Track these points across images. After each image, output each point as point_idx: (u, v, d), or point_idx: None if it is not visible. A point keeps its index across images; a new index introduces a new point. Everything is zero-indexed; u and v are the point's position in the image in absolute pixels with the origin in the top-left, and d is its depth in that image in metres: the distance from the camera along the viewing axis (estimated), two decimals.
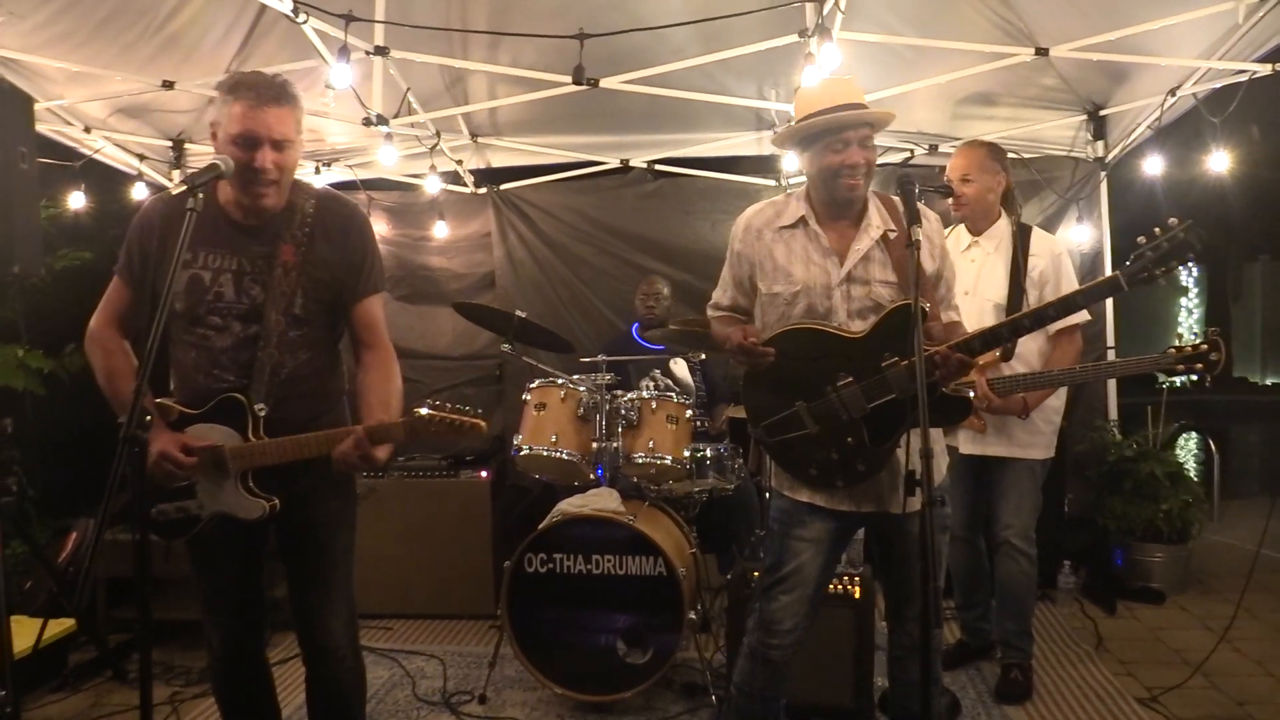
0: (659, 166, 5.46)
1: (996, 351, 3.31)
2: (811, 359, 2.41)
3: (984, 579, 3.76)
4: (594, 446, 3.73)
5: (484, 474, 4.64)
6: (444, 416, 2.18)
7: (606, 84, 4.04)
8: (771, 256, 2.51)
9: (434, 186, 5.26)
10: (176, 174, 5.18)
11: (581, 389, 3.77)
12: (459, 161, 5.34)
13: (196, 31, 3.98)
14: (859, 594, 3.18)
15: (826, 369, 2.40)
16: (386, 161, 4.64)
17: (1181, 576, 4.82)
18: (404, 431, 2.20)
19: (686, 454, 3.72)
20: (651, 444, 3.66)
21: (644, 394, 3.77)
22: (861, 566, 3.27)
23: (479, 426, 2.20)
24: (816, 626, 2.63)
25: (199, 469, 2.25)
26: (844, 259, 2.45)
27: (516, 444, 3.74)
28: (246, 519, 2.30)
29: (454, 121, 5.01)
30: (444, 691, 3.71)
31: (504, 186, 5.65)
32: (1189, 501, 4.80)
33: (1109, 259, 5.07)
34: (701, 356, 4.64)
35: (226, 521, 2.32)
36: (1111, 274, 2.26)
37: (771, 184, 5.41)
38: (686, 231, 5.53)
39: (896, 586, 2.58)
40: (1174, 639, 4.17)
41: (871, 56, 4.02)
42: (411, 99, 4.33)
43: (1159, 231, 2.17)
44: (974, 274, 3.49)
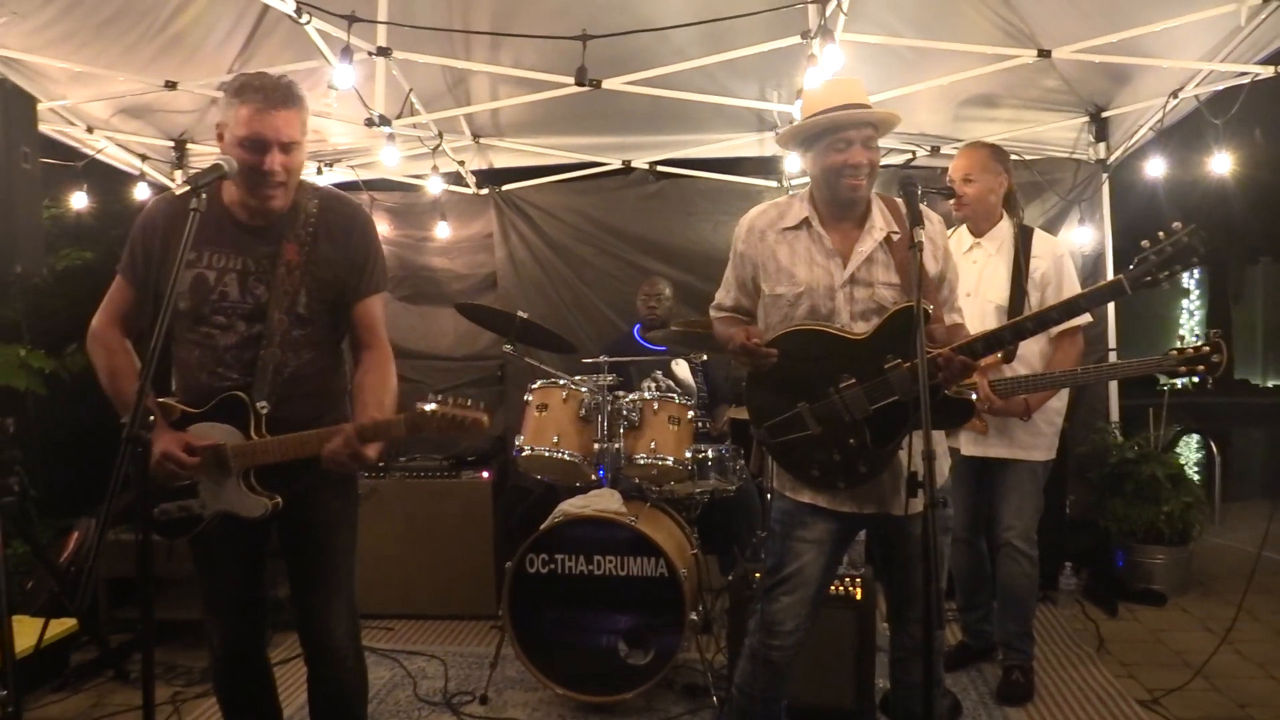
0: (661, 168, 5.46)
1: (998, 353, 3.32)
2: (814, 360, 2.41)
3: (985, 580, 3.76)
4: (595, 447, 3.73)
5: (486, 474, 4.64)
6: (445, 412, 2.18)
7: (609, 85, 4.04)
8: (775, 258, 2.51)
9: (436, 187, 5.26)
10: (179, 174, 5.19)
11: (583, 390, 3.77)
12: (461, 162, 5.35)
13: (199, 32, 3.99)
14: (860, 595, 3.18)
15: (829, 370, 2.40)
16: (389, 162, 4.64)
17: (1183, 578, 4.82)
18: (405, 427, 2.21)
19: (688, 455, 3.72)
20: (653, 445, 3.66)
21: (646, 395, 3.77)
22: (863, 568, 3.27)
23: (480, 422, 2.20)
24: (818, 628, 2.63)
25: (201, 468, 2.25)
26: (847, 261, 2.45)
27: (518, 445, 3.74)
28: (249, 517, 2.31)
29: (456, 122, 5.01)
30: (445, 692, 3.71)
31: (506, 187, 5.65)
32: (1190, 503, 4.80)
33: (1110, 261, 5.07)
34: (703, 357, 4.64)
35: (228, 521, 2.32)
36: (1115, 277, 2.25)
37: (773, 185, 5.41)
38: (688, 232, 5.53)
39: (898, 588, 2.58)
40: (1175, 641, 4.17)
41: (874, 58, 4.02)
42: (414, 100, 4.33)
43: (1163, 235, 2.16)
44: (975, 275, 3.49)
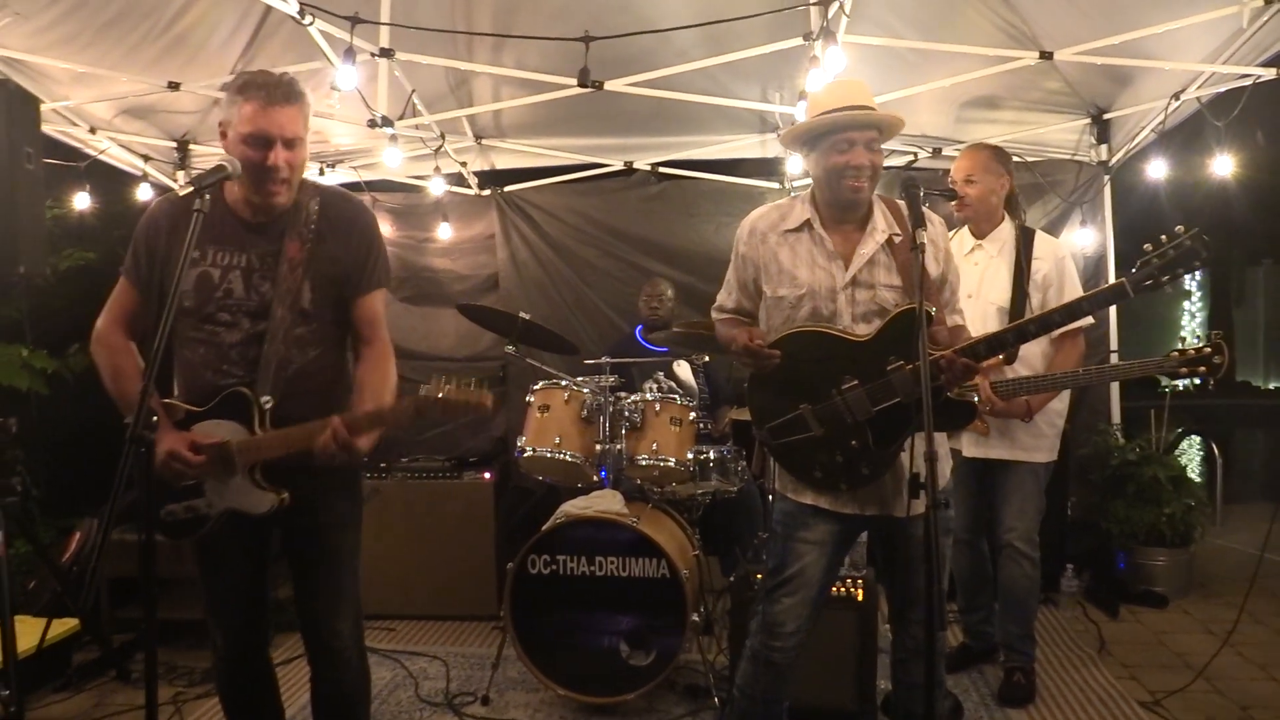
0: (663, 169, 5.46)
1: (1000, 355, 3.32)
2: (817, 362, 2.41)
3: (987, 582, 3.76)
4: (597, 448, 3.73)
5: (487, 475, 4.64)
6: (447, 397, 2.14)
7: (611, 86, 4.04)
8: (776, 259, 2.51)
9: (438, 188, 5.27)
10: (181, 175, 5.19)
11: (585, 391, 3.77)
12: (463, 163, 5.35)
13: (202, 33, 4.00)
14: (862, 597, 3.18)
15: (832, 372, 2.41)
16: (391, 163, 4.64)
17: (1184, 580, 4.82)
18: (407, 414, 2.19)
19: (690, 456, 3.72)
20: (655, 446, 3.66)
21: (648, 396, 3.78)
22: (865, 569, 3.27)
23: (484, 405, 2.16)
24: (820, 629, 2.64)
25: (207, 467, 2.24)
26: (849, 263, 2.45)
27: (520, 445, 3.74)
28: (256, 513, 2.29)
29: (458, 123, 5.02)
30: (447, 693, 3.71)
31: (508, 188, 5.66)
32: (1192, 505, 4.80)
33: (1112, 262, 5.07)
34: (705, 359, 4.64)
35: (232, 521, 2.32)
36: (1117, 281, 2.25)
37: (775, 187, 5.41)
38: (690, 234, 5.53)
39: (900, 589, 2.58)
40: (1177, 643, 4.17)
41: (876, 60, 4.03)
42: (416, 101, 4.34)
43: (1165, 239, 2.16)
44: (977, 277, 3.50)
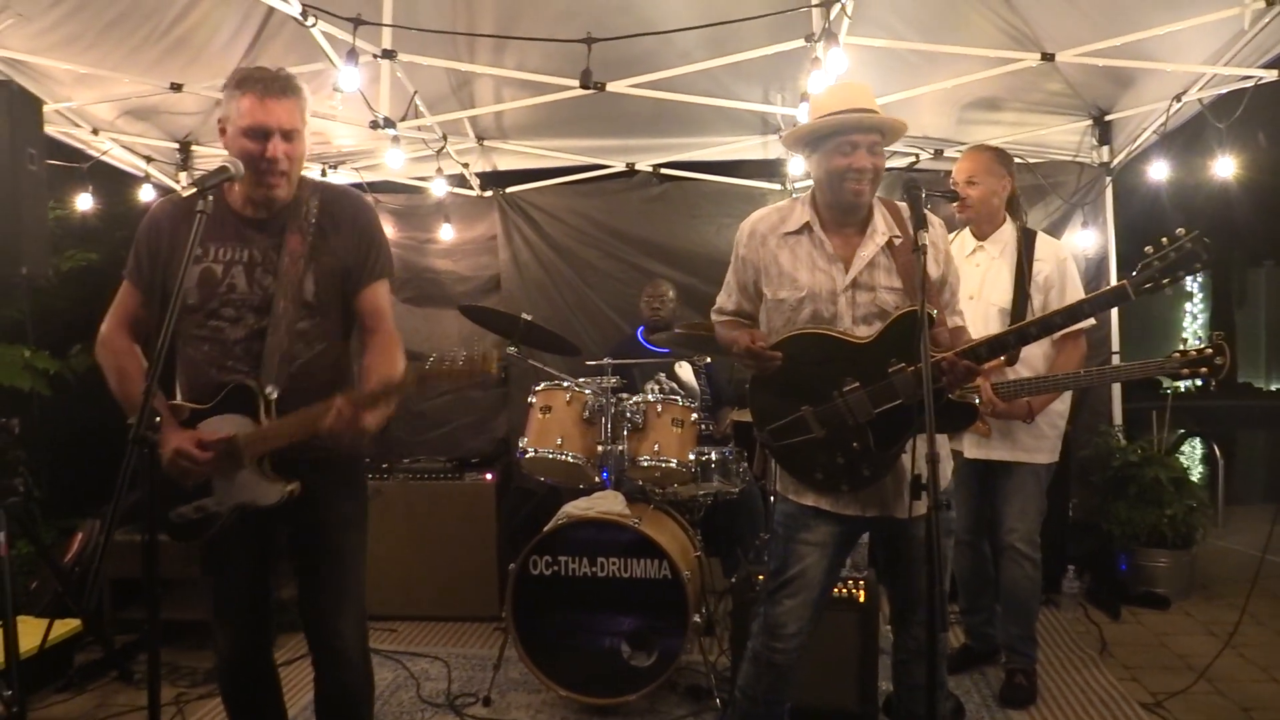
0: (665, 170, 5.47)
1: (1001, 357, 3.32)
2: (818, 364, 2.42)
3: (988, 583, 3.76)
4: (599, 449, 3.73)
5: (489, 476, 4.64)
6: (447, 367, 2.13)
7: (613, 88, 4.04)
8: (776, 262, 2.51)
9: (440, 189, 5.27)
10: (183, 176, 5.20)
11: (587, 392, 3.77)
12: (465, 164, 5.36)
13: (204, 34, 4.00)
14: (864, 598, 3.18)
15: (833, 374, 2.41)
16: (393, 164, 4.65)
17: (1186, 582, 4.82)
18: (413, 381, 2.18)
19: (691, 457, 3.72)
20: (657, 447, 3.67)
21: (649, 397, 3.78)
22: (866, 570, 3.27)
23: (489, 365, 2.13)
24: (821, 630, 2.64)
25: (215, 464, 2.22)
26: (849, 265, 2.45)
27: (522, 446, 3.74)
28: (266, 504, 2.26)
29: (460, 125, 5.03)
30: (448, 693, 3.71)
31: (510, 189, 5.66)
32: (1193, 507, 4.79)
33: (1114, 264, 5.07)
34: (707, 360, 4.65)
35: (238, 521, 2.31)
36: (1118, 283, 2.25)
37: (777, 188, 5.42)
38: (692, 235, 5.53)
39: (902, 590, 2.58)
40: (1178, 644, 4.17)
41: (878, 61, 4.03)
42: (418, 102, 4.34)
43: (1166, 241, 2.16)
44: (979, 278, 3.50)
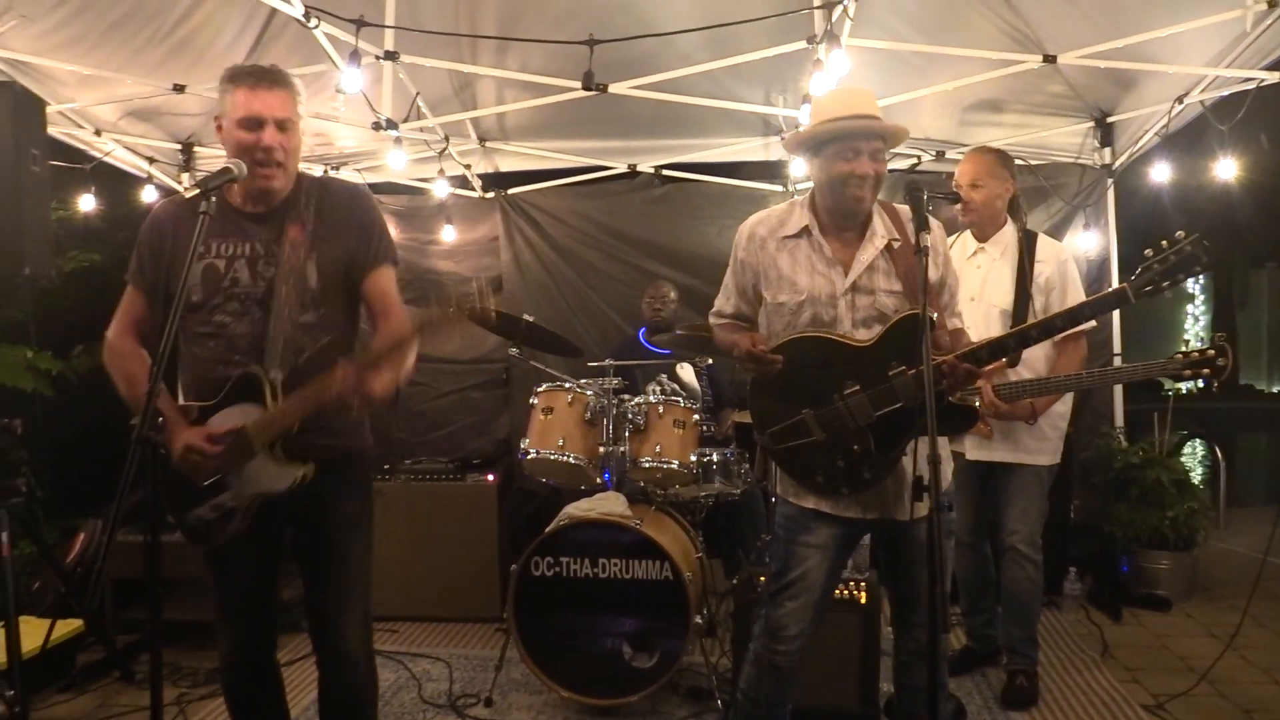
0: (666, 172, 5.47)
1: (1002, 359, 3.32)
2: (818, 367, 2.42)
3: (990, 585, 3.76)
4: (601, 451, 3.73)
5: (491, 477, 4.65)
6: (444, 311, 2.10)
7: (615, 89, 4.05)
8: (776, 265, 2.51)
9: (442, 191, 5.28)
10: (186, 177, 5.21)
11: (589, 393, 3.77)
12: (467, 166, 5.37)
13: (207, 35, 4.00)
14: (865, 599, 3.18)
15: (833, 377, 2.41)
16: (395, 166, 4.66)
17: (1187, 584, 4.82)
18: (415, 331, 2.17)
19: (693, 459, 3.72)
20: (658, 448, 3.67)
21: (651, 398, 3.78)
22: (868, 572, 3.27)
23: (484, 295, 2.09)
24: (823, 632, 2.63)
25: (225, 456, 2.20)
26: (848, 269, 2.45)
27: (523, 448, 3.74)
28: (280, 489, 2.24)
29: (462, 126, 5.03)
30: (450, 694, 3.72)
31: (512, 191, 5.67)
32: (1195, 508, 4.79)
33: (1115, 266, 5.06)
34: (708, 361, 4.65)
35: (259, 512, 2.29)
36: (1119, 286, 2.25)
37: (779, 189, 5.42)
38: (694, 236, 5.53)
39: (903, 592, 2.58)
40: (1180, 646, 4.17)
41: (880, 63, 4.03)
42: (420, 103, 4.35)
43: (1166, 244, 2.16)
44: (980, 280, 3.50)
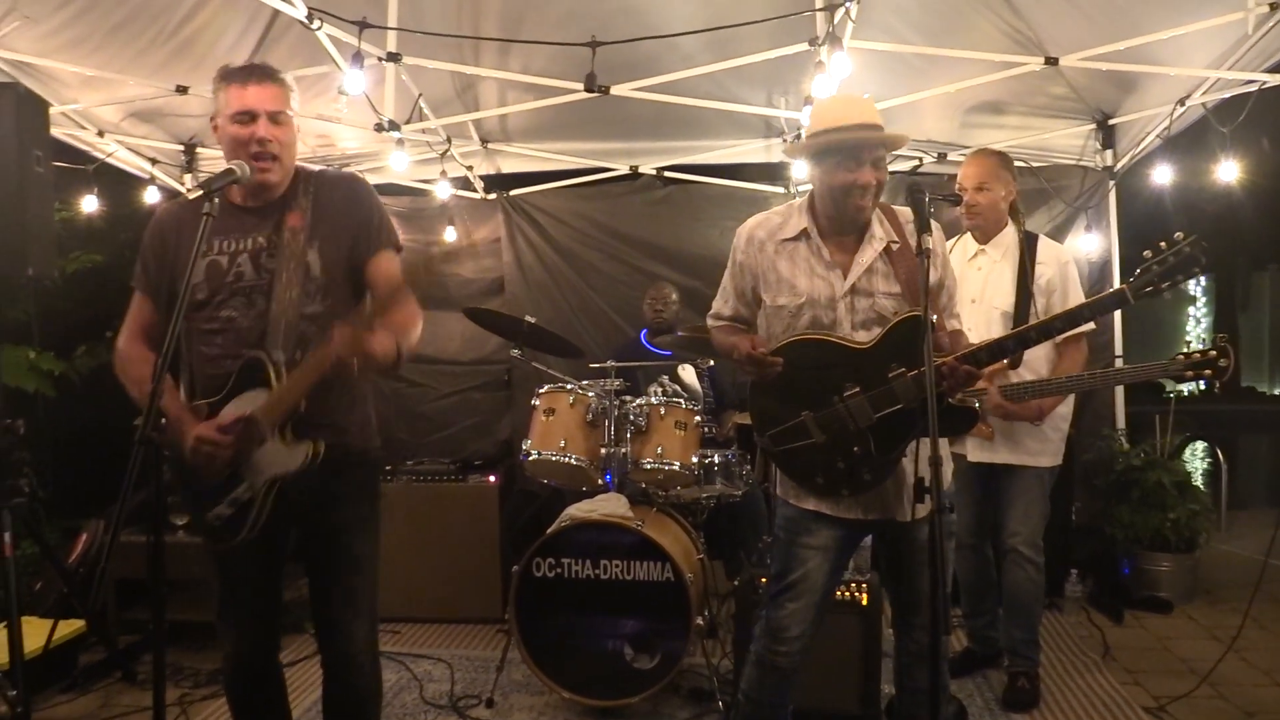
0: (668, 173, 5.48)
1: (1004, 360, 3.32)
2: (818, 369, 2.42)
3: (991, 587, 3.76)
4: (602, 452, 3.73)
5: (492, 478, 4.65)
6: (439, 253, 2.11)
7: (617, 91, 4.05)
8: (775, 268, 2.52)
9: (444, 192, 5.28)
10: (188, 178, 5.22)
11: (590, 394, 3.77)
12: (469, 167, 5.37)
13: (210, 36, 4.01)
14: (866, 601, 3.18)
15: (833, 379, 2.41)
16: (398, 167, 4.66)
17: (1189, 586, 4.81)
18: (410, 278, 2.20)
19: (695, 460, 3.72)
20: (660, 450, 3.67)
21: (652, 400, 3.78)
22: (869, 573, 3.27)
23: (467, 237, 2.11)
24: (824, 633, 2.63)
25: (237, 445, 2.20)
26: (847, 272, 2.45)
27: (525, 449, 3.75)
28: (294, 470, 2.23)
29: (465, 127, 5.04)
30: (451, 695, 3.72)
31: (514, 192, 5.67)
32: (1196, 511, 4.79)
33: (1117, 268, 5.06)
34: (710, 362, 4.64)
35: (276, 499, 2.28)
36: (1118, 287, 2.26)
37: (780, 191, 5.42)
38: (695, 238, 5.53)
39: (904, 593, 2.58)
40: (1181, 648, 4.16)
41: (881, 65, 4.03)
42: (423, 105, 4.35)
43: (1165, 245, 2.17)
44: (981, 282, 3.50)
